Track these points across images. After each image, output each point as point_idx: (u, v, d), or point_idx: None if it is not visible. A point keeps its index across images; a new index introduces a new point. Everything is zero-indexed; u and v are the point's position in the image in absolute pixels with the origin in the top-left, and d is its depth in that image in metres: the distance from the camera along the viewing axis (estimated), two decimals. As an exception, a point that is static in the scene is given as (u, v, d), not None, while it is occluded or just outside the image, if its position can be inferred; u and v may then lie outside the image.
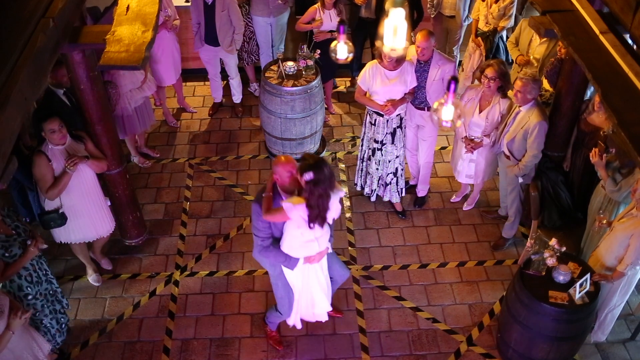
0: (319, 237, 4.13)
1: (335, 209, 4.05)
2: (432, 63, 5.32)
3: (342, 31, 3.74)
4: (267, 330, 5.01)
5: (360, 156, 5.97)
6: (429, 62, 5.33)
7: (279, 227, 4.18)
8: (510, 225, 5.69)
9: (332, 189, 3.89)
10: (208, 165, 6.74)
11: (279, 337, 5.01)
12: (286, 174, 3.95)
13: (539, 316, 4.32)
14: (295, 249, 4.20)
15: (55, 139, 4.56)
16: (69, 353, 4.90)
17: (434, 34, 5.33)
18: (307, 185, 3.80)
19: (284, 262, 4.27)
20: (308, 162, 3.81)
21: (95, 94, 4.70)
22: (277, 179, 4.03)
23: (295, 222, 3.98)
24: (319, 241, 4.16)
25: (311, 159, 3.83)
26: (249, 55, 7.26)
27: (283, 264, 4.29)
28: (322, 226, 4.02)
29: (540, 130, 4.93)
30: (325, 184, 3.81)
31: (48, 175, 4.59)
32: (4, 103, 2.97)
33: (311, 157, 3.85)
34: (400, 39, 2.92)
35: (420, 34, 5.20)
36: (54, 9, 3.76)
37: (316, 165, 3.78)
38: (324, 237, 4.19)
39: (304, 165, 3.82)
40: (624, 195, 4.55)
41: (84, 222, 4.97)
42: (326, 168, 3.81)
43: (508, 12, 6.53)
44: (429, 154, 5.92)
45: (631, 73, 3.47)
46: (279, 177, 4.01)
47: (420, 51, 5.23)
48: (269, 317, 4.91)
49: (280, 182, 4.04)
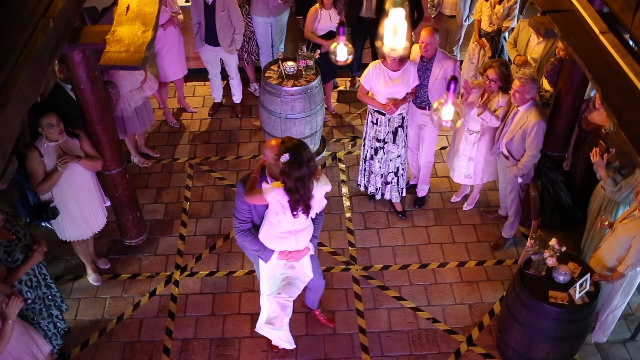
0: (298, 232, 4.07)
1: (319, 201, 3.99)
2: (435, 61, 5.33)
3: (341, 32, 3.74)
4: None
5: (363, 156, 5.97)
6: (432, 60, 5.34)
7: (259, 213, 4.13)
8: (510, 225, 5.69)
9: (312, 175, 3.82)
10: (208, 165, 6.74)
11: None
12: (273, 156, 3.91)
13: (539, 316, 4.32)
14: (271, 240, 4.15)
15: (52, 134, 4.56)
16: (69, 353, 4.90)
17: (438, 30, 5.34)
18: (283, 167, 3.75)
19: (258, 252, 4.23)
20: (286, 145, 3.77)
21: (95, 94, 4.70)
22: (265, 160, 4.02)
23: (274, 208, 3.94)
24: (297, 236, 4.10)
25: (289, 142, 3.78)
26: (249, 55, 7.26)
27: (257, 254, 4.25)
28: (306, 215, 3.95)
29: (539, 130, 4.93)
30: (303, 167, 3.73)
31: (39, 170, 4.60)
32: (4, 103, 2.97)
33: (290, 140, 3.81)
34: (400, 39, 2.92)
35: (425, 30, 5.22)
36: (54, 9, 3.76)
37: (293, 147, 3.73)
38: (305, 234, 4.14)
39: (281, 147, 3.79)
40: (623, 196, 4.55)
41: (76, 219, 4.96)
42: (305, 152, 3.74)
43: (512, 12, 6.54)
44: (430, 154, 5.92)
45: (631, 73, 3.47)
46: (266, 159, 3.99)
47: (424, 47, 5.25)
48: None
49: (268, 165, 4.02)
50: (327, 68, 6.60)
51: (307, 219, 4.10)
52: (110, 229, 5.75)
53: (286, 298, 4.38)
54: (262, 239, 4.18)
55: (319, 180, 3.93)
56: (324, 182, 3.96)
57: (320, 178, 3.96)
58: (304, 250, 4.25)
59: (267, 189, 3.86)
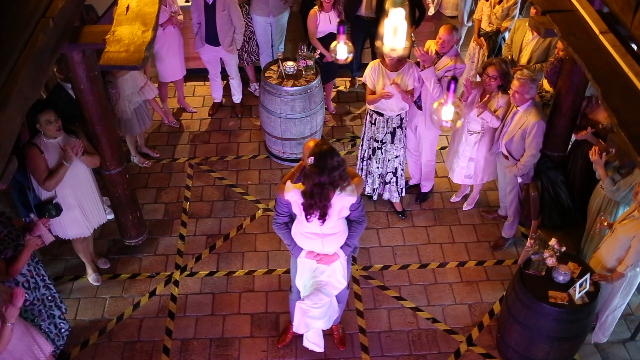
0: (325, 236, 4.03)
1: (338, 210, 3.92)
2: (446, 55, 5.34)
3: (341, 31, 3.74)
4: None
5: (361, 156, 5.97)
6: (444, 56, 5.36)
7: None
8: (509, 225, 5.69)
9: (334, 184, 3.77)
10: (208, 165, 6.74)
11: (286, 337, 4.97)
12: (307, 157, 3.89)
13: (539, 316, 4.32)
14: (299, 237, 4.14)
15: (50, 131, 4.56)
16: (69, 353, 4.90)
17: (457, 29, 5.34)
18: (306, 169, 3.73)
19: (289, 246, 4.25)
20: (317, 149, 3.73)
21: (95, 94, 4.70)
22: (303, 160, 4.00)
23: (295, 208, 3.94)
24: (323, 240, 4.06)
25: (320, 146, 3.73)
26: (249, 55, 7.27)
27: (289, 247, 4.27)
28: (321, 221, 3.90)
29: (539, 129, 4.93)
30: (323, 175, 3.69)
31: (41, 166, 4.60)
32: (4, 103, 2.97)
33: (322, 144, 3.76)
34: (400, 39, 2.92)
35: (444, 27, 5.26)
36: (54, 9, 3.76)
37: (319, 152, 3.69)
38: (333, 240, 4.08)
39: (312, 149, 3.76)
40: (622, 195, 4.55)
41: (77, 215, 4.96)
42: (330, 159, 3.68)
43: (511, 12, 6.55)
44: (431, 153, 5.93)
45: (631, 73, 3.47)
46: (303, 159, 3.98)
47: (440, 43, 5.27)
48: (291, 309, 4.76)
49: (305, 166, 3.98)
50: (327, 69, 6.61)
51: (338, 225, 4.01)
52: (110, 229, 5.76)
53: (309, 305, 4.30)
54: (292, 235, 4.18)
55: (345, 190, 3.85)
56: (348, 193, 3.86)
57: (347, 188, 3.86)
58: (333, 256, 4.17)
59: (288, 187, 3.87)
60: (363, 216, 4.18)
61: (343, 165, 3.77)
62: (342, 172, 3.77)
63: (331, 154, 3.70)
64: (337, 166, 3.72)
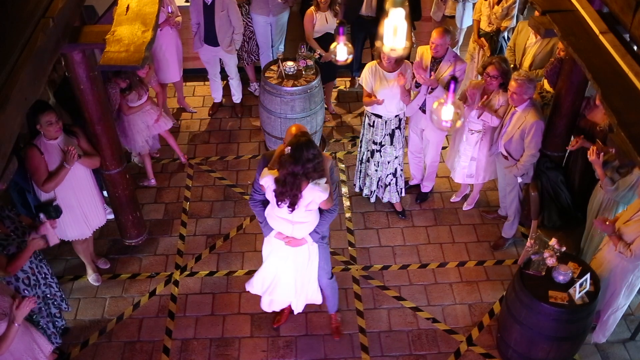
0: (295, 223, 4.10)
1: (308, 202, 3.97)
2: (444, 61, 5.35)
3: (341, 32, 3.74)
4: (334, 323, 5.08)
5: (359, 158, 5.97)
6: (442, 60, 5.36)
7: None
8: (509, 225, 5.69)
9: (306, 176, 3.84)
10: (208, 165, 6.74)
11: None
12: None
13: (539, 316, 4.32)
14: (270, 218, 4.21)
15: (51, 132, 4.55)
16: (69, 353, 4.90)
17: (449, 31, 5.35)
18: (282, 157, 3.82)
19: (261, 224, 4.35)
20: (295, 139, 3.81)
21: (95, 94, 4.70)
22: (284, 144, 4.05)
23: (268, 193, 4.02)
24: (294, 226, 4.13)
25: (299, 137, 3.82)
26: (249, 55, 7.26)
27: (260, 225, 4.36)
28: (290, 209, 3.96)
29: (537, 129, 4.93)
30: (297, 165, 3.77)
31: (41, 167, 4.59)
32: (4, 103, 2.97)
33: (301, 136, 3.84)
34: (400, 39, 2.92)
35: (436, 31, 5.25)
36: (54, 8, 3.76)
37: (297, 144, 3.78)
38: (304, 227, 4.15)
39: (291, 139, 3.85)
40: (621, 195, 4.55)
41: (77, 217, 4.96)
42: (306, 152, 3.76)
43: (511, 12, 6.54)
44: (436, 154, 5.94)
45: (631, 73, 3.47)
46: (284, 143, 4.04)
47: (434, 47, 5.27)
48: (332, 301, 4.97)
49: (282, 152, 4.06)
50: (328, 69, 6.61)
51: (308, 215, 4.09)
52: (110, 229, 5.76)
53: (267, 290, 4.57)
54: (265, 214, 4.24)
55: (318, 184, 3.91)
56: (321, 188, 3.92)
57: (321, 182, 3.92)
58: (301, 240, 4.25)
59: (264, 172, 3.97)
60: (335, 205, 4.24)
61: (318, 158, 3.84)
62: (316, 165, 3.84)
63: (307, 145, 3.78)
64: (312, 159, 3.80)
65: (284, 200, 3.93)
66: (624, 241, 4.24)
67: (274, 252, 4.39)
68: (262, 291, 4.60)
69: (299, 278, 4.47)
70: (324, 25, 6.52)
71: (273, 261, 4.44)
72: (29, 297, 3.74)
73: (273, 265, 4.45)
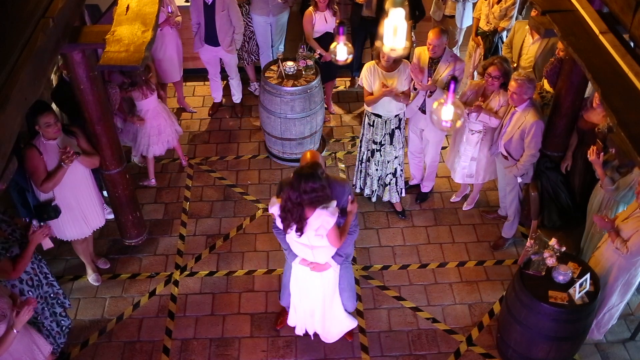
0: (313, 248, 4.09)
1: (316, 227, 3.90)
2: (442, 61, 5.36)
3: (341, 32, 3.74)
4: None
5: (359, 158, 5.97)
6: (439, 60, 5.36)
7: None
8: (509, 225, 5.69)
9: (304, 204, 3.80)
10: (208, 165, 6.74)
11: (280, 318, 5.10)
12: None
13: (539, 316, 4.32)
14: (291, 243, 4.21)
15: (49, 133, 4.55)
16: (69, 353, 4.90)
17: (446, 31, 5.35)
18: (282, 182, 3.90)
19: (285, 251, 4.34)
20: (299, 168, 3.86)
21: (95, 94, 4.70)
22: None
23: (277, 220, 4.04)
24: (313, 251, 4.12)
25: (305, 168, 3.82)
26: (249, 55, 7.27)
27: (285, 253, 4.36)
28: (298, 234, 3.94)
29: (537, 129, 4.93)
30: (294, 193, 3.76)
31: (40, 168, 4.58)
32: (4, 103, 2.97)
33: (310, 167, 3.82)
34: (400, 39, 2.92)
35: (432, 32, 5.25)
36: (54, 8, 3.76)
37: (299, 174, 3.78)
38: (323, 251, 4.12)
39: (298, 167, 3.91)
40: (621, 195, 4.55)
41: (76, 217, 4.96)
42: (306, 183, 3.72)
43: (509, 13, 6.54)
44: (436, 153, 5.94)
45: (631, 73, 3.47)
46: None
47: (431, 48, 5.27)
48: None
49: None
50: (328, 69, 6.61)
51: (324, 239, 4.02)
52: (110, 229, 5.76)
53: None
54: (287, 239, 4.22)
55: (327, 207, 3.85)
56: (329, 212, 3.84)
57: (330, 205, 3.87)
58: (324, 265, 4.23)
59: (273, 202, 3.99)
60: (355, 226, 4.25)
61: (319, 192, 3.77)
62: (314, 198, 3.78)
63: (308, 177, 3.75)
64: (309, 191, 3.76)
65: (289, 225, 3.92)
66: (621, 237, 4.25)
67: (300, 281, 4.40)
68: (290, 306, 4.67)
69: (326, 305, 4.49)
70: (323, 25, 6.52)
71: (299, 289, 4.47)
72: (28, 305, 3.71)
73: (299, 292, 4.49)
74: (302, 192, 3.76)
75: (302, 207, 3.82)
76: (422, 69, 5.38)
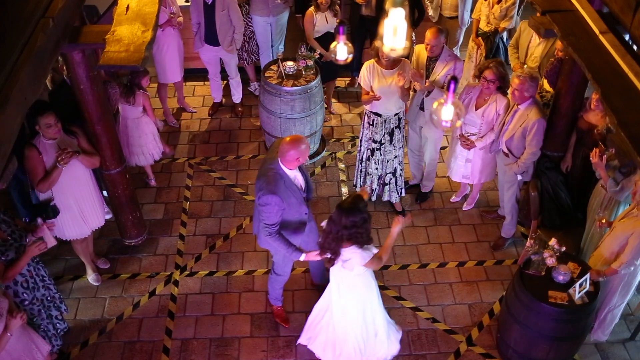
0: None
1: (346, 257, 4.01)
2: (439, 60, 5.35)
3: (341, 32, 3.74)
4: (273, 310, 5.13)
5: (359, 157, 5.97)
6: (437, 59, 5.36)
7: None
8: (508, 225, 5.69)
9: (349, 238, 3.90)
10: (208, 165, 6.74)
11: (284, 314, 5.10)
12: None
13: (539, 316, 4.32)
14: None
15: (50, 133, 4.55)
16: (69, 353, 4.90)
17: (443, 31, 5.35)
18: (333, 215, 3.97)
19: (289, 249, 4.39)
20: (341, 203, 3.97)
21: (95, 93, 4.70)
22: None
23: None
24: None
25: (346, 203, 3.92)
26: (249, 55, 7.27)
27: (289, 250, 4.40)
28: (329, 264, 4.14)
29: (539, 127, 4.93)
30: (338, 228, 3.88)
31: (38, 168, 4.59)
32: (4, 103, 2.97)
33: (349, 201, 3.93)
34: (400, 39, 2.92)
35: (430, 31, 5.24)
36: (54, 8, 3.76)
37: (339, 208, 3.91)
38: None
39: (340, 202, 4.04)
40: (625, 195, 4.54)
41: (75, 217, 4.95)
42: (347, 218, 3.82)
43: (510, 13, 6.54)
44: (435, 152, 5.94)
45: (631, 73, 3.47)
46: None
47: (429, 48, 5.28)
48: (271, 293, 5.02)
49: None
50: (328, 68, 6.61)
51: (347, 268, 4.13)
52: (110, 229, 5.76)
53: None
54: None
55: (367, 249, 3.98)
56: (364, 253, 3.96)
57: (370, 248, 4.00)
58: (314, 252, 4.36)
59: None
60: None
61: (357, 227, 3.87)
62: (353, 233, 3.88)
63: (348, 212, 3.85)
64: (350, 226, 3.86)
65: (325, 252, 4.07)
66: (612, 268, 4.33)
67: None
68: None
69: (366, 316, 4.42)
70: (324, 25, 6.53)
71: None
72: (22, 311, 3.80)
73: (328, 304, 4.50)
74: (342, 227, 3.85)
75: (341, 242, 3.92)
76: (422, 74, 5.39)
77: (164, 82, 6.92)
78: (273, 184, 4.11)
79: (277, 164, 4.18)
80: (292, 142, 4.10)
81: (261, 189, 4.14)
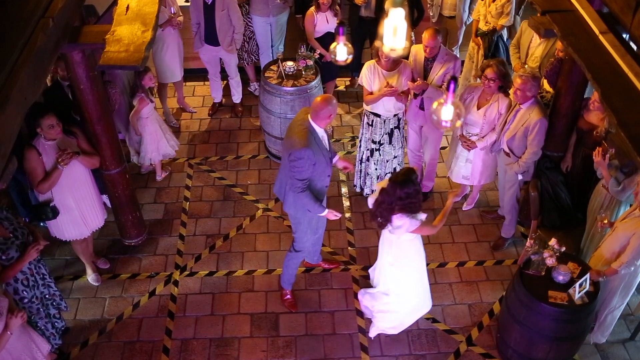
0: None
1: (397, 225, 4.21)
2: (437, 60, 5.36)
3: (341, 33, 3.74)
4: (282, 294, 5.24)
5: (359, 157, 5.97)
6: (435, 59, 5.37)
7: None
8: (508, 225, 5.69)
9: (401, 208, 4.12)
10: (208, 165, 6.74)
11: (293, 300, 5.20)
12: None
13: (539, 316, 4.33)
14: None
15: (51, 134, 4.56)
16: (69, 353, 4.90)
17: (440, 31, 5.35)
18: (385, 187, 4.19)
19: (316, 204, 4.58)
20: (394, 176, 4.18)
21: (95, 93, 4.70)
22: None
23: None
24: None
25: (400, 176, 4.13)
26: (249, 55, 7.27)
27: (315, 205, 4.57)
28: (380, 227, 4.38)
29: (541, 127, 4.93)
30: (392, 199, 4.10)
31: (38, 169, 4.59)
32: (4, 103, 2.97)
33: (402, 174, 4.14)
34: (400, 39, 2.92)
35: (427, 32, 5.24)
36: (54, 8, 3.76)
37: (392, 182, 4.12)
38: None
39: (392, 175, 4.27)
40: (627, 195, 4.53)
41: (75, 217, 4.95)
42: (402, 190, 4.04)
43: (506, 10, 6.54)
44: (435, 151, 5.94)
45: (631, 73, 3.47)
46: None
47: (427, 50, 5.28)
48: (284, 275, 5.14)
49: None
50: (328, 68, 6.61)
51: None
52: (109, 229, 5.76)
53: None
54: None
55: (415, 217, 4.17)
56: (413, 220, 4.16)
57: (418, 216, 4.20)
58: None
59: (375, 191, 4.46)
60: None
61: (411, 197, 4.08)
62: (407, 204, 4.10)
63: (402, 185, 4.07)
64: (404, 197, 4.07)
65: (375, 219, 4.28)
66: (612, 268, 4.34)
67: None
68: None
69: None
70: (324, 26, 6.53)
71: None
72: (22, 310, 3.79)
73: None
74: (397, 199, 4.08)
75: (393, 211, 4.14)
76: (420, 66, 5.40)
77: (164, 82, 6.92)
78: (305, 139, 4.32)
79: (308, 122, 4.39)
80: (325, 100, 4.32)
81: (293, 145, 4.33)
